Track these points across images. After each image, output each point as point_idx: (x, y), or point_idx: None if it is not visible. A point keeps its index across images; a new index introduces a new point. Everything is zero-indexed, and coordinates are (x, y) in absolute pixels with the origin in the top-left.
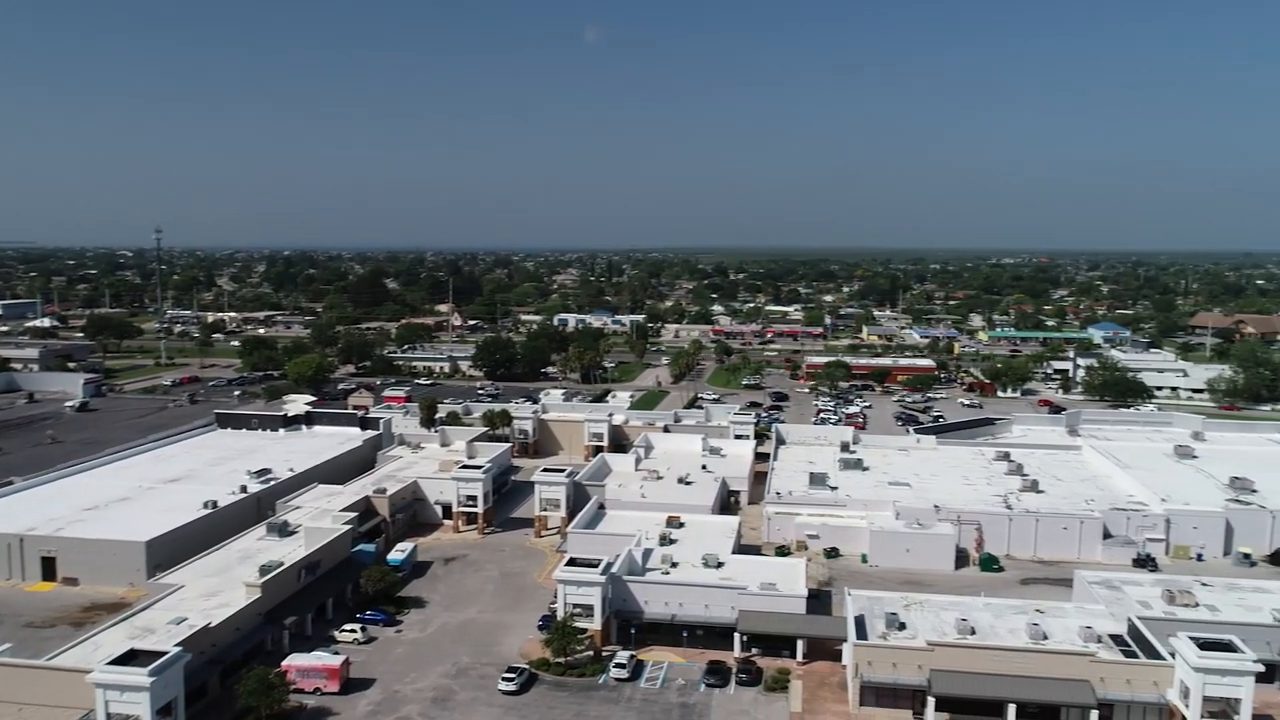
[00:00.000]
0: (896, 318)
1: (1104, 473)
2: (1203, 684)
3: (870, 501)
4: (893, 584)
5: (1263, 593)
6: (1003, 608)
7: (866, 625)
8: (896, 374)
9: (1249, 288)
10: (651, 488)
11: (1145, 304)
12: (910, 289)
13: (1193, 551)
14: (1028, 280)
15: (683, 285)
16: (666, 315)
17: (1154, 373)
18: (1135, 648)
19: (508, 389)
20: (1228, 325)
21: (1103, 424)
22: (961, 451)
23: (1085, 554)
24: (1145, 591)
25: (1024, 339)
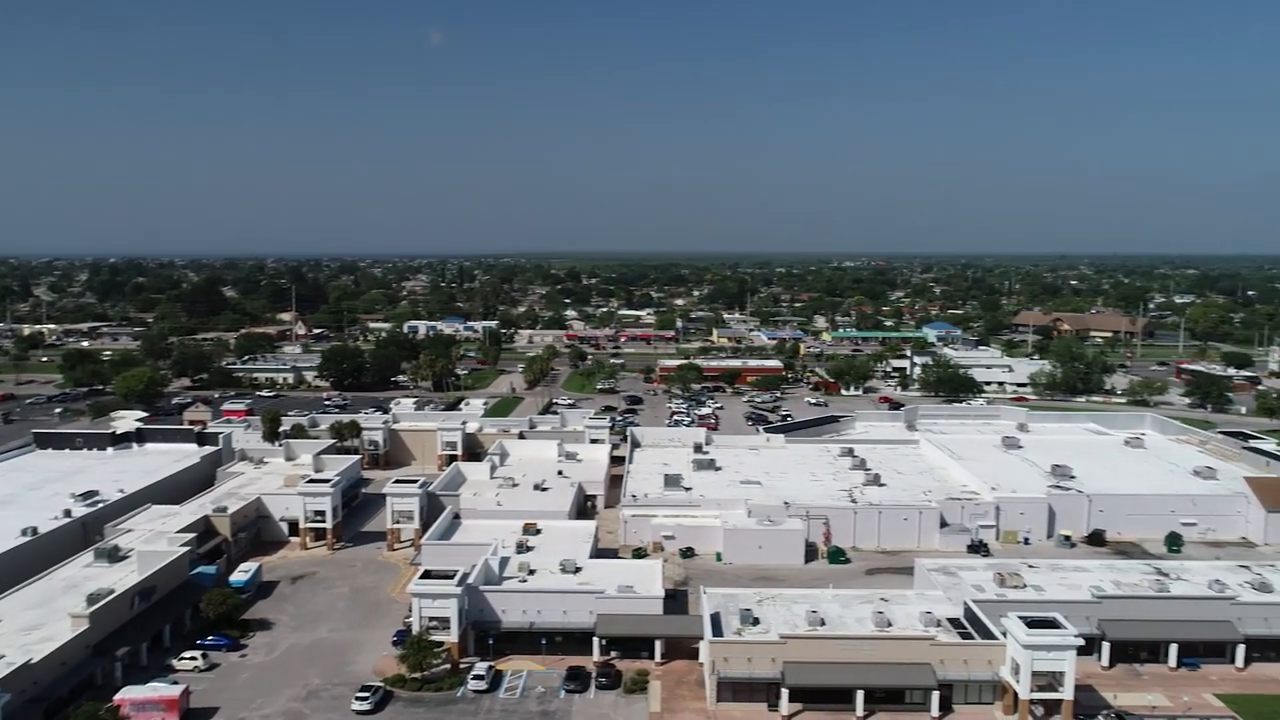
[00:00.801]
0: (745, 320)
1: (940, 465)
2: (1031, 660)
3: (723, 501)
4: (747, 580)
5: (1082, 571)
6: (850, 598)
7: (722, 622)
8: (746, 375)
9: (1064, 288)
10: (507, 495)
11: (974, 304)
12: (758, 292)
13: (1020, 536)
14: (867, 283)
15: (536, 290)
16: (520, 321)
17: (983, 369)
18: (971, 629)
19: (356, 399)
20: (1047, 323)
21: (938, 418)
22: (809, 449)
23: (924, 542)
24: (979, 576)
25: (865, 339)
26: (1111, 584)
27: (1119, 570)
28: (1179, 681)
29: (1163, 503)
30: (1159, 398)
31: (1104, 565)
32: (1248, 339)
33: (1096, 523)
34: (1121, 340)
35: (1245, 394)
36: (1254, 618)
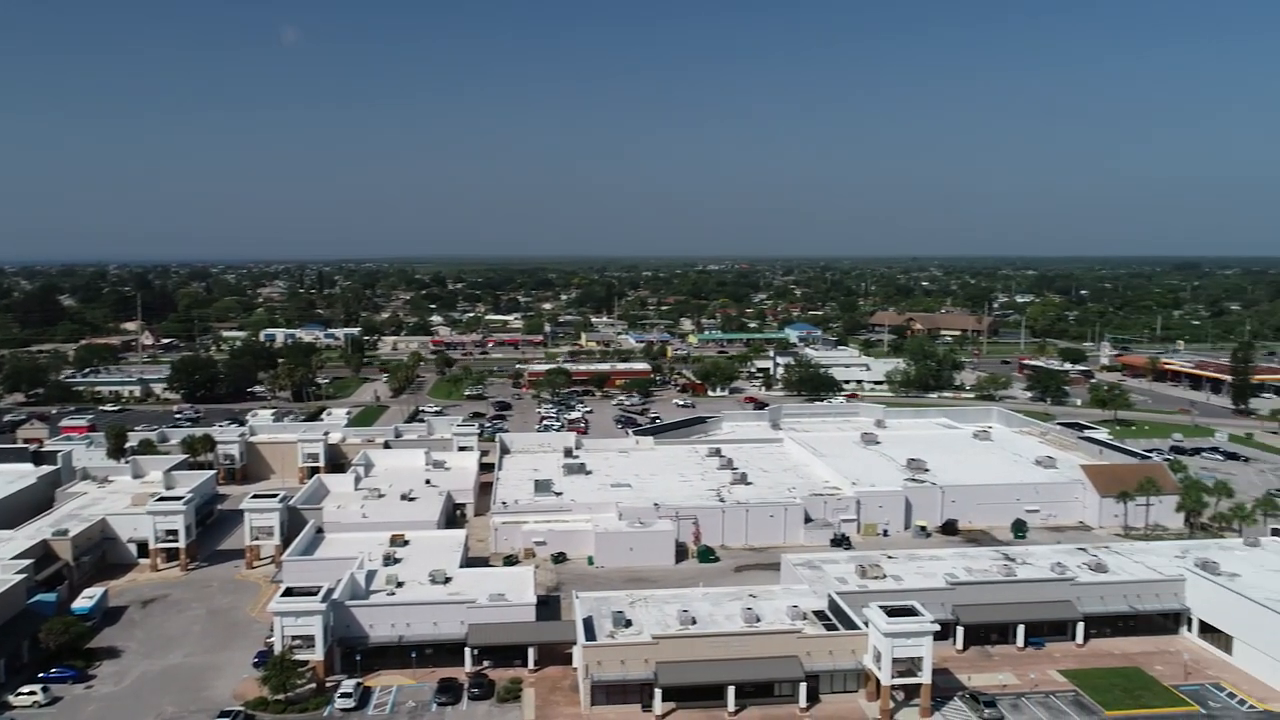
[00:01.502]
0: (613, 324)
1: (803, 462)
2: (892, 647)
3: (594, 504)
4: (619, 583)
5: (937, 560)
6: (720, 596)
7: (595, 626)
8: (615, 378)
9: (916, 289)
10: (373, 507)
11: (833, 305)
12: (625, 296)
13: (880, 528)
14: (731, 285)
15: (400, 296)
16: (383, 327)
17: (842, 368)
18: (835, 621)
19: (210, 411)
20: (901, 323)
21: (800, 417)
22: (678, 450)
23: (790, 538)
24: (842, 568)
25: (730, 340)
26: (964, 571)
27: (970, 557)
28: (1026, 660)
29: (1009, 492)
30: (1004, 392)
31: (957, 553)
32: (1081, 335)
33: (949, 513)
34: (969, 338)
35: (1080, 387)
36: (1091, 597)
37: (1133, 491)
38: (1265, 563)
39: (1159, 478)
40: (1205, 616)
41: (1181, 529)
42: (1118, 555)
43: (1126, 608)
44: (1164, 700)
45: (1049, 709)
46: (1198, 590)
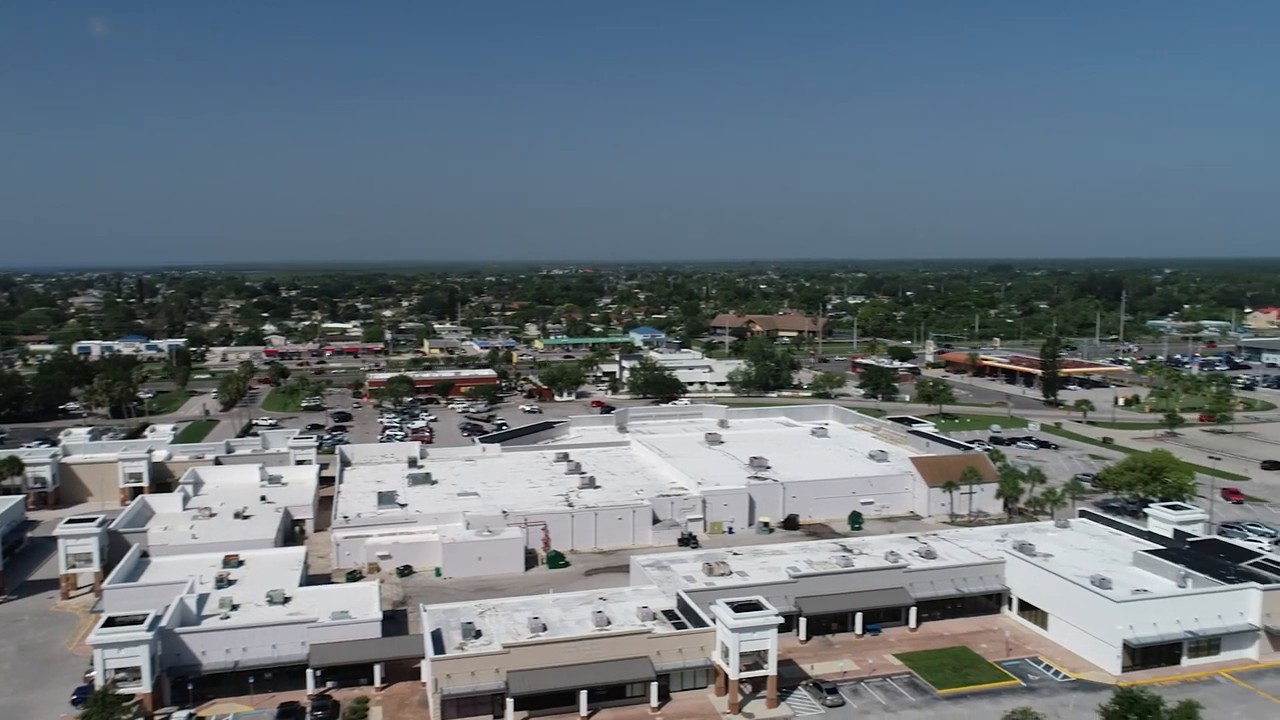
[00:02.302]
0: (457, 330)
1: (650, 464)
2: (739, 642)
3: (441, 514)
4: (468, 593)
5: (780, 554)
6: (570, 600)
7: (444, 638)
8: (460, 385)
9: (755, 292)
10: (204, 527)
11: (676, 309)
12: (468, 301)
13: (725, 526)
14: (576, 290)
15: (229, 305)
16: (212, 338)
17: (686, 370)
18: (684, 619)
19: (16, 431)
20: (741, 325)
21: (647, 419)
22: (525, 456)
23: (639, 540)
24: (689, 567)
25: (576, 345)
26: (805, 564)
27: (811, 550)
28: (865, 646)
29: (845, 485)
30: (839, 390)
31: (798, 547)
32: (908, 334)
33: (791, 508)
34: (806, 339)
35: (908, 383)
36: (922, 582)
37: (957, 481)
38: (1074, 542)
39: (980, 467)
40: (1023, 595)
41: (1001, 514)
42: (945, 542)
43: (954, 591)
44: (989, 676)
45: (886, 692)
46: (1016, 571)
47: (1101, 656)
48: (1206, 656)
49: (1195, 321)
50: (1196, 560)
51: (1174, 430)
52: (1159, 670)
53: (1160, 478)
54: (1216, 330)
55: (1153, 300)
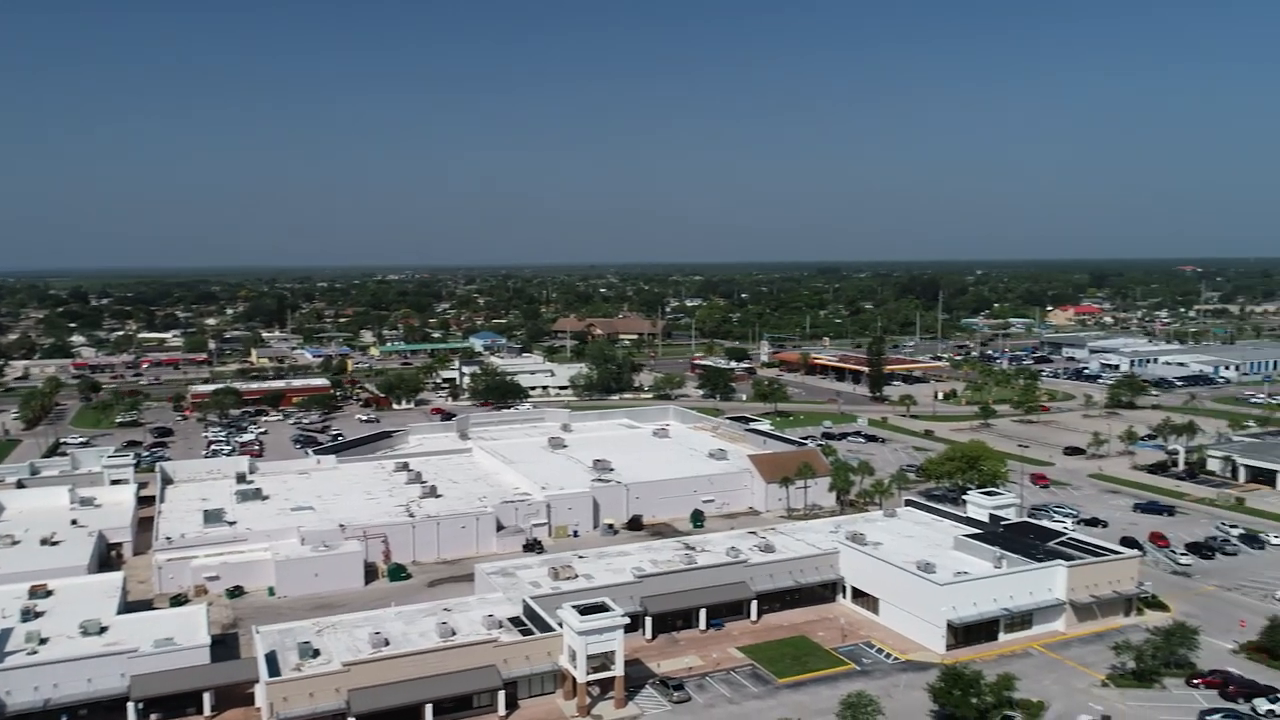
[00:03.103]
0: (287, 338)
1: (493, 470)
2: (585, 645)
3: (273, 531)
4: (305, 611)
5: (625, 555)
6: (414, 613)
7: (279, 660)
8: (292, 396)
9: (595, 295)
10: (6, 556)
11: (516, 313)
12: (299, 308)
13: (570, 529)
14: (413, 295)
15: (30, 315)
16: (11, 350)
17: (528, 374)
18: (531, 625)
19: None
20: (582, 329)
21: (489, 425)
22: (363, 467)
23: (483, 547)
24: (535, 573)
25: (414, 351)
26: (650, 563)
27: (655, 550)
28: (709, 642)
29: (687, 484)
30: (678, 391)
31: (643, 547)
32: (744, 335)
33: (634, 509)
34: (645, 341)
35: (745, 383)
36: (762, 576)
37: (793, 476)
38: (901, 530)
39: (814, 462)
40: (856, 583)
41: (834, 507)
42: (783, 535)
43: (792, 582)
44: (826, 663)
45: (730, 684)
46: (849, 560)
47: (928, 637)
48: (1020, 631)
49: (1004, 319)
50: (1010, 542)
51: (988, 421)
52: (979, 647)
53: (976, 466)
54: (1022, 327)
55: (966, 299)
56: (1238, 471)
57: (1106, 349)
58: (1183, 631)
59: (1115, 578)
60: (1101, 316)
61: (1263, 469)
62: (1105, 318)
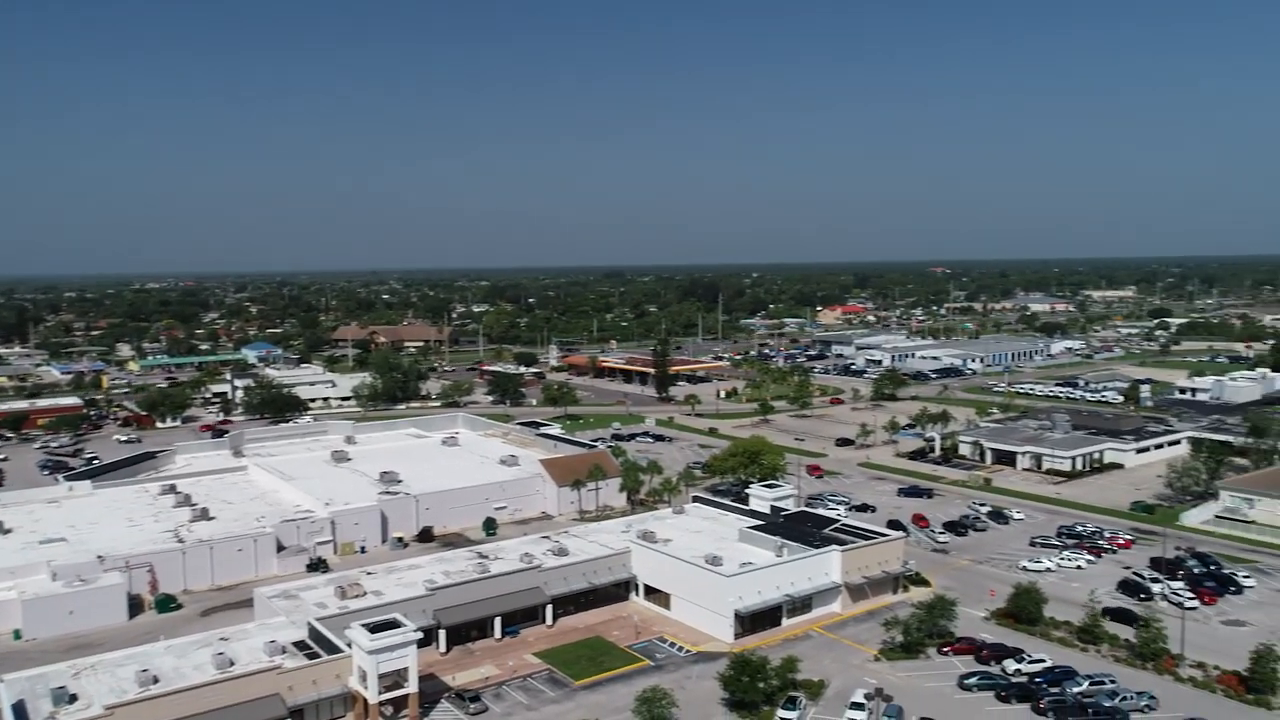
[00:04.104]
0: (30, 354)
1: (272, 488)
2: (376, 664)
3: (18, 568)
4: (59, 654)
5: (416, 569)
6: (186, 646)
7: (29, 710)
8: (37, 417)
9: (378, 303)
10: None
11: (293, 322)
12: (43, 321)
13: (357, 545)
14: (176, 305)
15: None
16: None
17: (307, 386)
18: (318, 649)
19: None
20: (364, 336)
21: (265, 441)
22: (123, 492)
23: (263, 570)
24: (321, 593)
25: (179, 365)
26: (442, 575)
27: (448, 561)
28: (505, 650)
29: (478, 492)
30: (468, 398)
31: (435, 558)
32: (533, 340)
33: (425, 520)
34: (432, 348)
35: (534, 388)
36: (556, 579)
37: (584, 479)
38: (690, 526)
39: (604, 464)
40: (648, 580)
41: (625, 506)
42: (576, 538)
43: (586, 584)
44: (621, 661)
45: (528, 691)
46: (641, 559)
47: (717, 628)
48: (801, 615)
49: (779, 319)
50: (790, 531)
51: (767, 417)
52: (765, 633)
53: (758, 461)
54: (796, 326)
55: (744, 301)
56: (985, 455)
57: (870, 345)
58: (942, 604)
59: (884, 559)
60: (865, 315)
61: (1005, 451)
62: (869, 316)
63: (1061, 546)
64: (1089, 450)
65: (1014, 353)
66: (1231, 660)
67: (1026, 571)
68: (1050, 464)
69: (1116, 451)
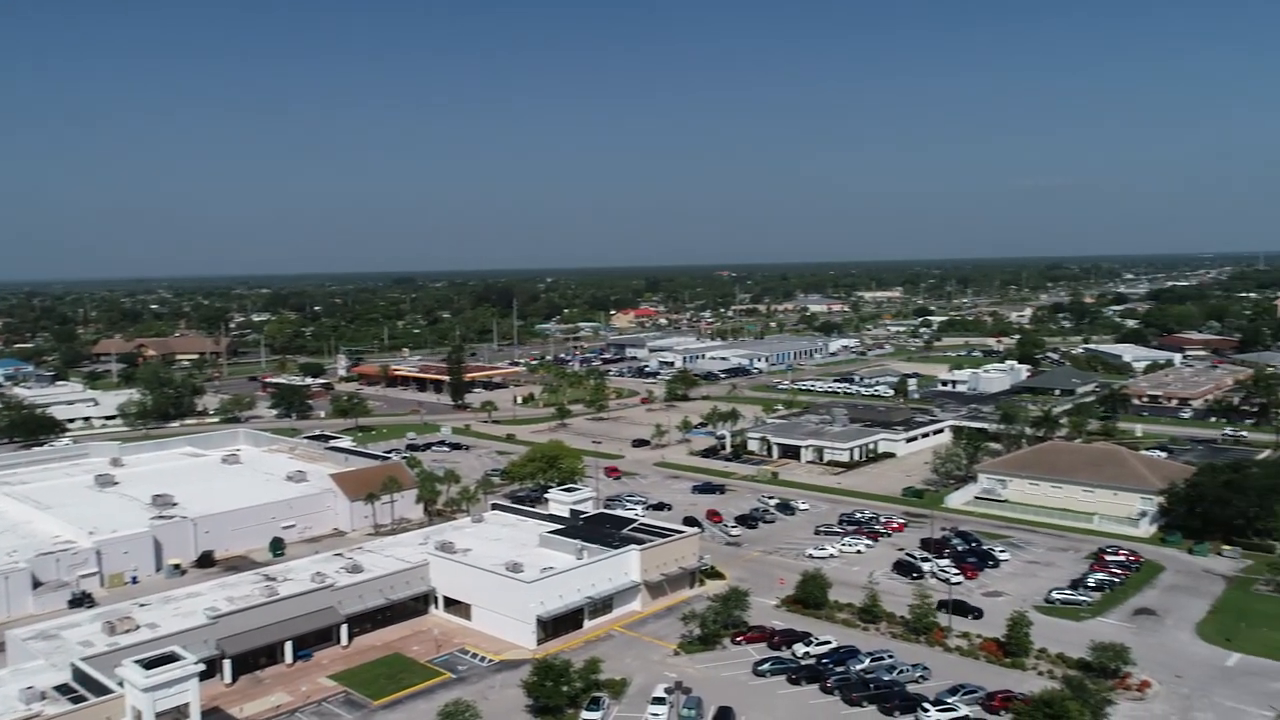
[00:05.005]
0: None
1: (24, 519)
2: (153, 702)
3: None
4: None
5: (195, 596)
6: None
7: None
8: None
9: (145, 313)
10: None
11: (46, 335)
12: None
13: (127, 576)
14: None
15: None
16: None
17: (65, 405)
18: (84, 691)
19: None
20: (130, 350)
21: (16, 467)
22: None
23: (15, 610)
24: (85, 631)
25: None
26: (226, 601)
27: (231, 586)
28: (297, 675)
29: (263, 512)
30: (249, 412)
31: (217, 584)
32: (319, 349)
33: (204, 544)
34: (209, 360)
35: (322, 400)
36: (351, 598)
37: (378, 491)
38: (489, 534)
39: (399, 475)
40: (448, 592)
41: (423, 518)
42: (371, 554)
43: (384, 600)
44: (421, 676)
45: (322, 716)
46: (440, 570)
47: (519, 635)
48: (603, 615)
49: (574, 324)
50: (590, 533)
51: (564, 421)
52: (567, 636)
53: (556, 465)
54: (590, 330)
55: (539, 306)
56: (772, 450)
57: (663, 348)
58: (736, 595)
59: (680, 555)
60: (657, 318)
61: (790, 445)
62: (661, 319)
63: (843, 533)
64: (865, 441)
65: (796, 352)
66: (991, 629)
67: (812, 559)
68: (831, 456)
69: (889, 441)
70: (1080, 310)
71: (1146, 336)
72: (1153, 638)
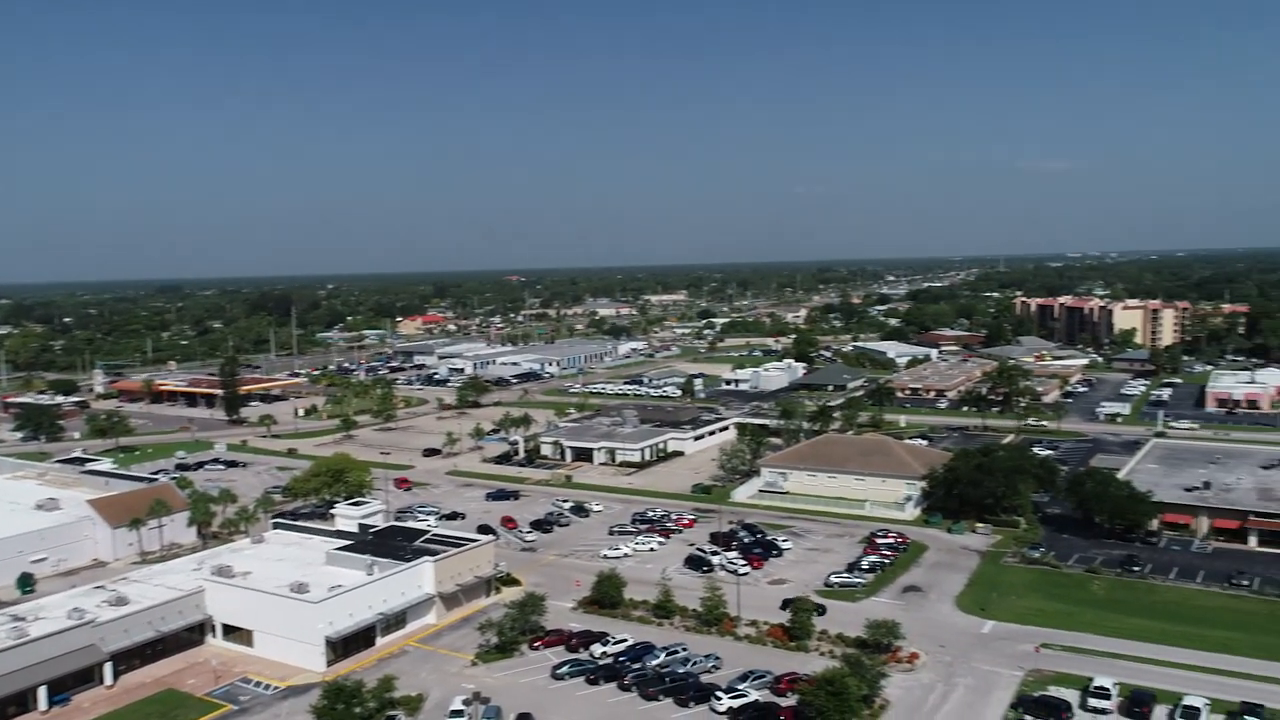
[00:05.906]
0: None
1: None
2: None
3: None
4: None
5: None
6: None
7: None
8: None
9: None
10: None
11: None
12: None
13: None
14: None
15: None
16: None
17: None
18: None
19: None
20: None
21: None
22: None
23: None
24: None
25: None
26: None
27: None
28: None
29: (8, 545)
30: None
31: None
32: (72, 365)
33: None
34: None
35: (77, 419)
36: (115, 633)
37: (144, 516)
38: (271, 555)
39: (168, 497)
40: (227, 619)
41: (196, 542)
42: (138, 584)
43: (154, 633)
44: (198, 711)
45: None
46: (216, 596)
47: (307, 658)
48: (396, 631)
49: (358, 331)
50: (380, 548)
51: (350, 433)
52: (359, 656)
53: (342, 478)
54: (376, 338)
55: (320, 314)
56: (565, 453)
57: (453, 354)
58: (533, 601)
59: (475, 564)
60: (446, 324)
61: (583, 448)
62: (449, 325)
63: (636, 532)
64: (655, 441)
65: (586, 355)
66: (777, 615)
67: (607, 559)
68: (623, 456)
69: (678, 440)
70: (849, 310)
71: (907, 334)
72: (919, 612)
